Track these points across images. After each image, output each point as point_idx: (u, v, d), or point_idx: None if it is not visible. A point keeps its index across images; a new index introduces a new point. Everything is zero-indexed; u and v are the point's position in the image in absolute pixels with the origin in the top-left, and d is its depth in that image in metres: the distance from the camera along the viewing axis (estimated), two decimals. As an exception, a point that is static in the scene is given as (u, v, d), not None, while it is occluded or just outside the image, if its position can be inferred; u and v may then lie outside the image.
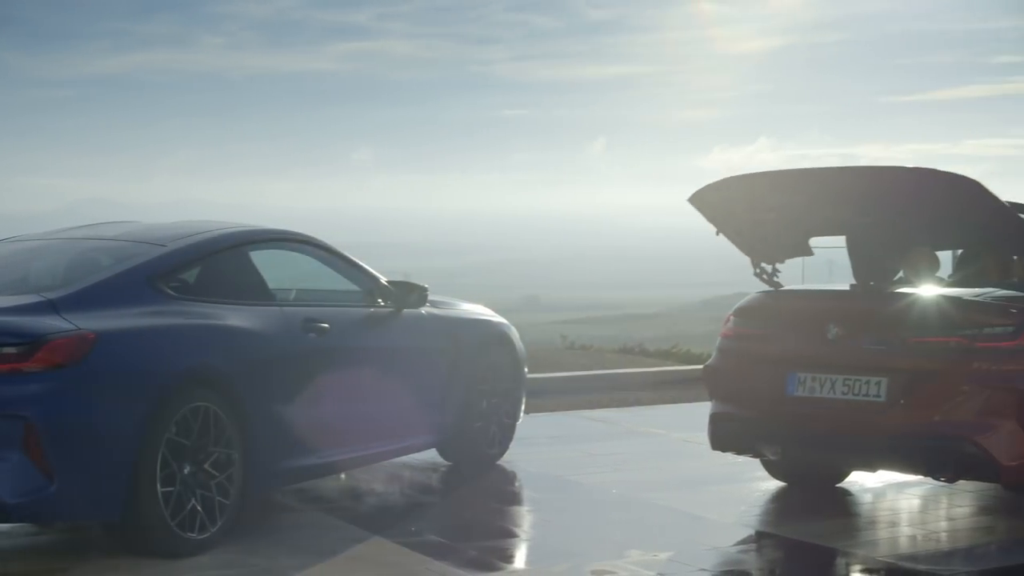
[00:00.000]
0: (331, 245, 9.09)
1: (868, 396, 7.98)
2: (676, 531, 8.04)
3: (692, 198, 8.82)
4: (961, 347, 7.76)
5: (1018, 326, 7.68)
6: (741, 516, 8.48)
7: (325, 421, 8.38)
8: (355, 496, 9.05)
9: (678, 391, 15.17)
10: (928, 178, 8.00)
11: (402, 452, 9.42)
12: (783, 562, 7.51)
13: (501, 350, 10.25)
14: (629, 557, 7.23)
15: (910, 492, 9.17)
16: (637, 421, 12.92)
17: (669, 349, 20.69)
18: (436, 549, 7.38)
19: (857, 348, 8.09)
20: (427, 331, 9.48)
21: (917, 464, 7.96)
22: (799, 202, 8.80)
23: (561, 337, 22.01)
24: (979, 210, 8.09)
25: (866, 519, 8.49)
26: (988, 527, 8.17)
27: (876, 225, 9.12)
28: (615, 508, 8.72)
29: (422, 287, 9.40)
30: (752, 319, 8.78)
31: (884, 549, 7.52)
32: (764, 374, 8.46)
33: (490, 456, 10.14)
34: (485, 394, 10.02)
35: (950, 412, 7.69)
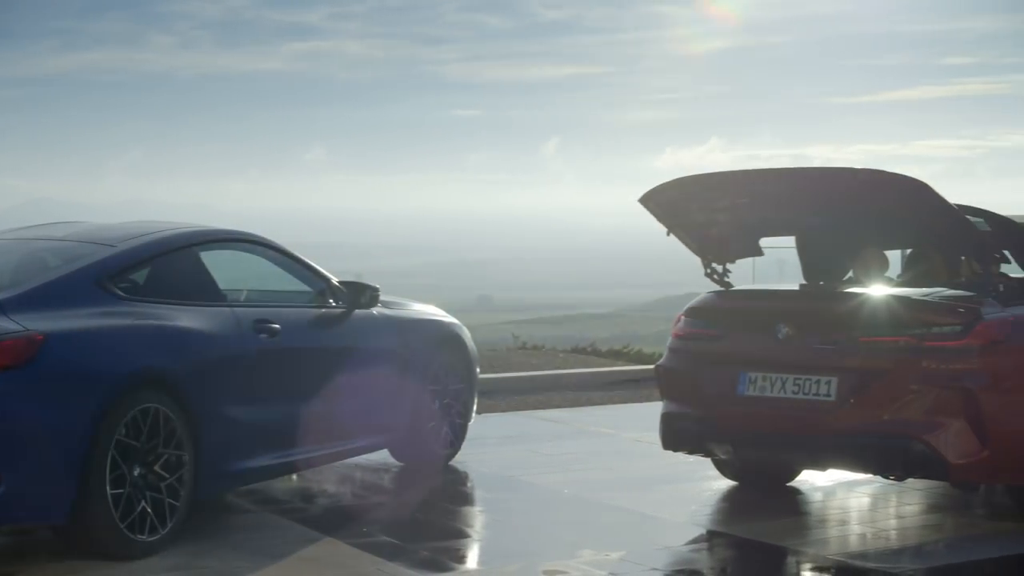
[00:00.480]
0: (282, 245, 9.06)
1: (818, 395, 8.02)
2: (628, 530, 8.06)
3: (643, 199, 8.85)
4: (910, 346, 7.81)
5: (966, 325, 7.74)
6: (692, 515, 8.51)
7: (276, 422, 8.35)
8: (307, 497, 9.02)
9: (629, 391, 15.21)
10: (877, 179, 8.05)
11: (354, 453, 9.40)
12: (734, 561, 7.54)
13: (452, 350, 10.25)
14: (581, 557, 7.24)
15: (860, 490, 9.22)
16: (588, 421, 12.93)
17: (621, 349, 20.72)
18: (388, 550, 7.37)
19: (807, 348, 8.14)
20: (378, 332, 9.46)
21: (867, 463, 8.01)
22: (749, 203, 8.84)
23: (513, 337, 22.02)
24: (927, 211, 8.15)
25: (816, 517, 8.53)
26: (937, 525, 8.23)
27: (826, 226, 9.17)
28: (567, 508, 8.73)
29: (373, 287, 9.38)
30: (703, 319, 8.81)
31: (834, 547, 7.56)
32: (715, 374, 8.50)
33: (442, 456, 10.13)
34: (437, 394, 10.01)
35: (899, 411, 7.74)
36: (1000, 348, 7.75)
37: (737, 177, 8.63)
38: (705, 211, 8.91)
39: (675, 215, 8.96)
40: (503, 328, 35.27)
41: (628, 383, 15.79)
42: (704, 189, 8.70)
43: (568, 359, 18.41)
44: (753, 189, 8.72)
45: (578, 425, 12.64)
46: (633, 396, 14.87)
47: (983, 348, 7.70)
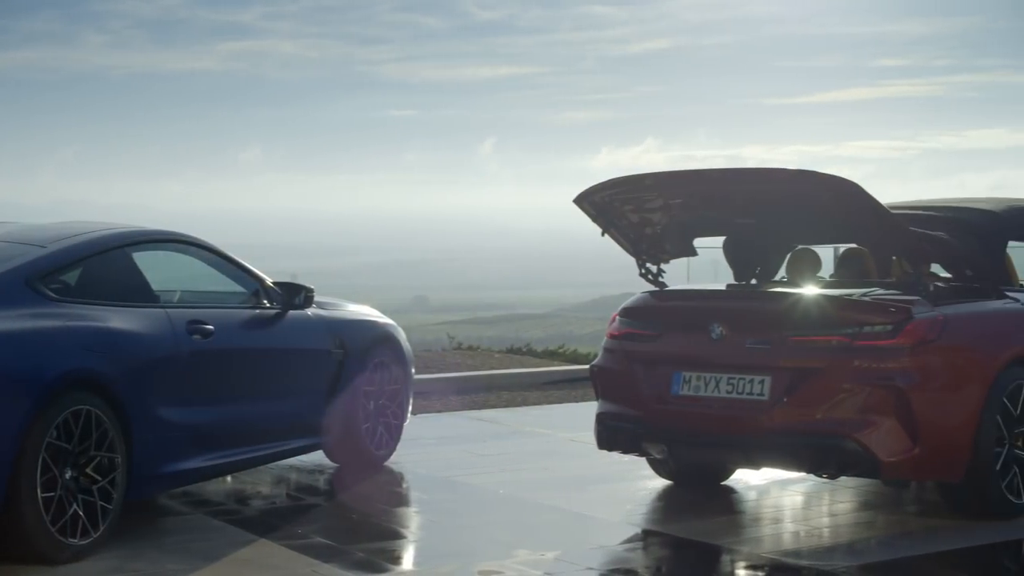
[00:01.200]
0: (215, 246, 9.01)
1: (751, 395, 8.07)
2: (563, 530, 8.07)
3: (577, 199, 8.87)
4: (842, 346, 7.87)
5: (897, 325, 7.81)
6: (627, 515, 8.54)
7: (210, 424, 8.31)
8: (241, 499, 8.98)
9: (565, 391, 15.24)
10: (809, 180, 8.10)
11: (289, 454, 9.36)
12: (669, 560, 7.56)
13: (388, 351, 10.22)
14: (516, 557, 7.24)
15: (793, 489, 9.28)
16: (524, 421, 12.95)
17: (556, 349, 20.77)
18: (323, 551, 7.35)
19: (740, 347, 8.18)
20: (313, 332, 9.43)
21: (800, 461, 8.06)
22: (684, 203, 8.88)
23: (449, 337, 22.02)
24: (858, 211, 8.22)
25: (750, 516, 8.58)
26: (869, 522, 8.29)
27: (759, 226, 9.23)
28: (502, 508, 8.73)
29: (308, 288, 9.35)
30: (637, 319, 8.84)
31: (768, 545, 7.60)
32: (649, 373, 8.53)
33: (377, 457, 10.10)
34: (372, 395, 9.99)
35: (831, 410, 7.80)
36: (930, 347, 7.83)
37: (671, 178, 8.67)
38: (639, 211, 8.94)
39: (610, 215, 8.98)
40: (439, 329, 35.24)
41: (563, 383, 15.82)
42: (638, 190, 8.73)
43: (504, 359, 18.43)
44: (687, 190, 8.76)
45: (513, 425, 12.65)
46: (568, 396, 14.91)
47: (914, 347, 7.78)
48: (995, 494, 8.04)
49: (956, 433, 7.90)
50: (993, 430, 8.00)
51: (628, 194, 8.77)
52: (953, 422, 7.89)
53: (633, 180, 8.72)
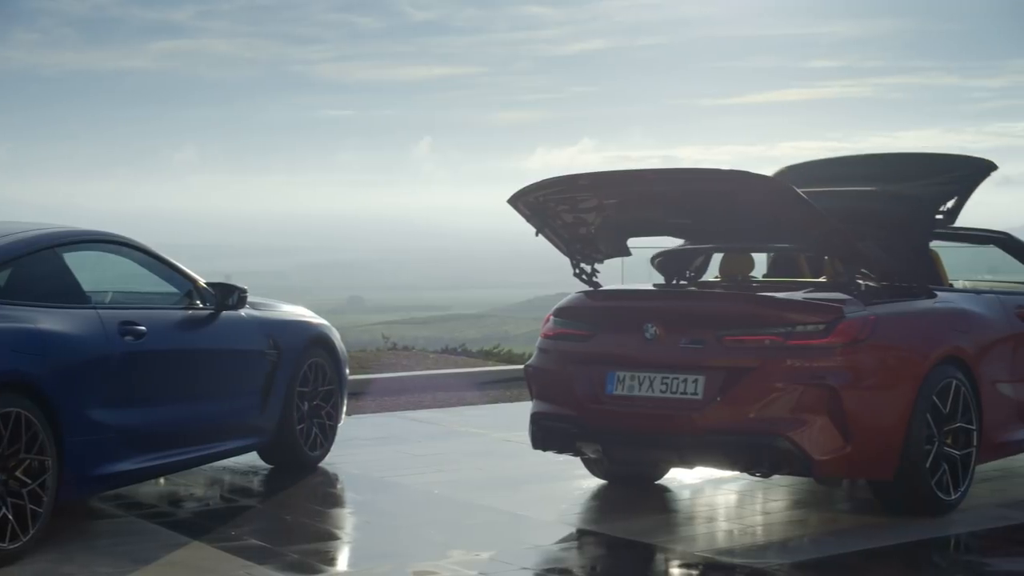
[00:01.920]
0: (148, 246, 8.95)
1: (685, 394, 8.10)
2: (498, 530, 8.07)
3: (511, 199, 8.87)
4: (775, 345, 7.92)
5: (829, 324, 7.87)
6: (562, 514, 8.55)
7: (143, 425, 8.25)
8: (174, 501, 8.92)
9: (499, 391, 15.26)
10: (743, 180, 8.15)
11: (222, 455, 9.31)
12: (604, 559, 7.58)
13: (322, 351, 10.20)
14: (451, 557, 7.24)
15: (727, 488, 9.33)
16: (458, 421, 12.95)
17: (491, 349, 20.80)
18: (257, 553, 7.31)
19: (674, 347, 8.21)
20: (246, 333, 9.38)
21: (733, 460, 8.10)
22: (618, 203, 8.90)
23: (383, 338, 21.98)
24: (791, 212, 8.27)
25: (684, 515, 8.61)
26: (801, 520, 8.35)
27: (693, 226, 9.27)
28: (437, 508, 8.72)
29: (241, 289, 9.31)
30: (571, 319, 8.86)
31: (702, 544, 7.63)
32: (583, 373, 8.55)
33: (312, 458, 10.07)
34: (306, 396, 9.96)
35: (764, 409, 7.85)
36: (862, 346, 7.89)
37: (606, 178, 8.68)
38: (574, 212, 8.96)
39: (544, 216, 8.99)
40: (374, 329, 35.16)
41: (498, 383, 15.84)
42: (573, 190, 8.74)
43: (438, 360, 18.42)
44: (621, 190, 8.78)
45: (448, 425, 12.64)
46: (503, 396, 14.93)
47: (845, 346, 7.84)
48: (925, 491, 8.12)
49: (887, 431, 7.97)
50: (923, 428, 8.07)
51: (562, 194, 8.78)
52: (884, 420, 7.96)
53: (567, 180, 8.73)
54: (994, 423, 8.79)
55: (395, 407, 13.95)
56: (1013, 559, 7.20)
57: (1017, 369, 9.16)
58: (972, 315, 8.88)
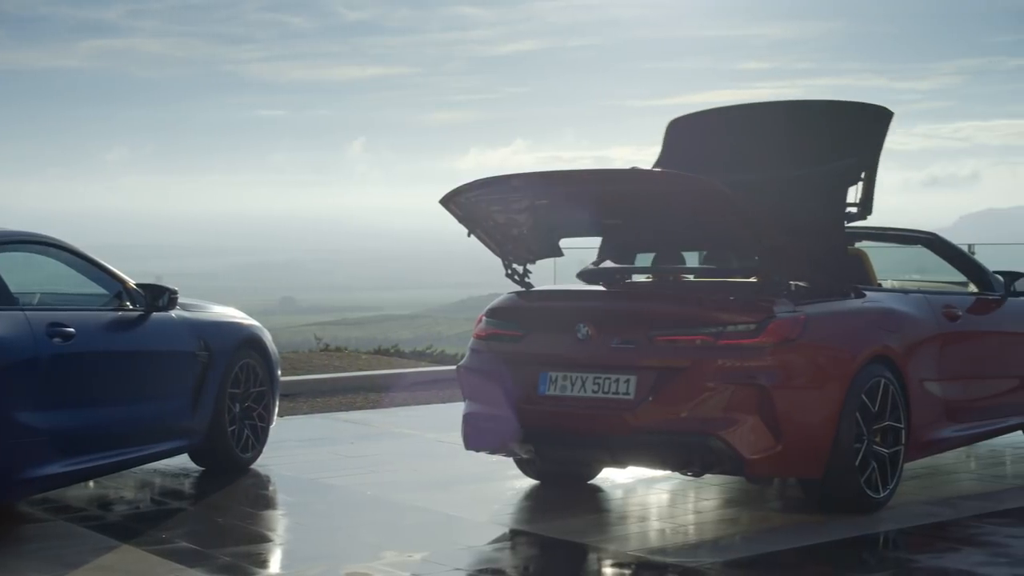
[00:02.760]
0: (76, 247, 8.87)
1: (617, 394, 8.12)
2: (431, 531, 8.06)
3: (443, 200, 8.86)
4: (706, 345, 7.96)
5: (759, 324, 7.92)
6: (495, 515, 8.55)
7: (72, 428, 8.18)
8: (104, 504, 8.84)
9: (432, 392, 15.26)
10: (676, 181, 8.18)
11: (152, 458, 9.24)
12: (537, 559, 7.58)
13: (253, 353, 10.15)
14: (384, 558, 7.22)
15: (659, 487, 9.37)
16: (391, 422, 12.93)
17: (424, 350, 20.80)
18: (188, 556, 7.25)
19: (606, 347, 8.24)
20: (177, 334, 9.33)
21: (665, 459, 8.13)
22: (550, 204, 8.91)
23: (316, 339, 21.92)
24: (723, 213, 8.31)
25: (617, 514, 8.64)
26: (733, 519, 8.39)
27: (624, 226, 9.30)
28: (370, 510, 8.70)
29: (172, 290, 9.25)
30: (504, 319, 8.86)
31: (635, 543, 7.65)
32: (516, 374, 8.55)
33: (243, 460, 10.02)
34: (237, 397, 9.92)
35: (696, 408, 7.88)
36: (792, 346, 7.95)
37: (538, 178, 8.69)
38: (506, 212, 8.96)
39: (476, 216, 8.99)
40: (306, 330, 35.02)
41: (431, 384, 15.83)
42: (504, 190, 8.75)
43: (371, 361, 18.40)
44: (553, 190, 8.79)
45: (381, 427, 12.62)
46: (436, 397, 14.93)
47: (776, 346, 7.89)
48: (855, 489, 8.19)
49: (817, 430, 8.03)
50: (853, 427, 8.14)
51: (494, 195, 8.78)
52: (814, 419, 8.02)
53: (499, 181, 8.72)
54: (922, 421, 8.89)
55: (327, 408, 13.91)
56: (939, 555, 7.28)
57: (944, 368, 9.26)
58: (900, 315, 8.96)
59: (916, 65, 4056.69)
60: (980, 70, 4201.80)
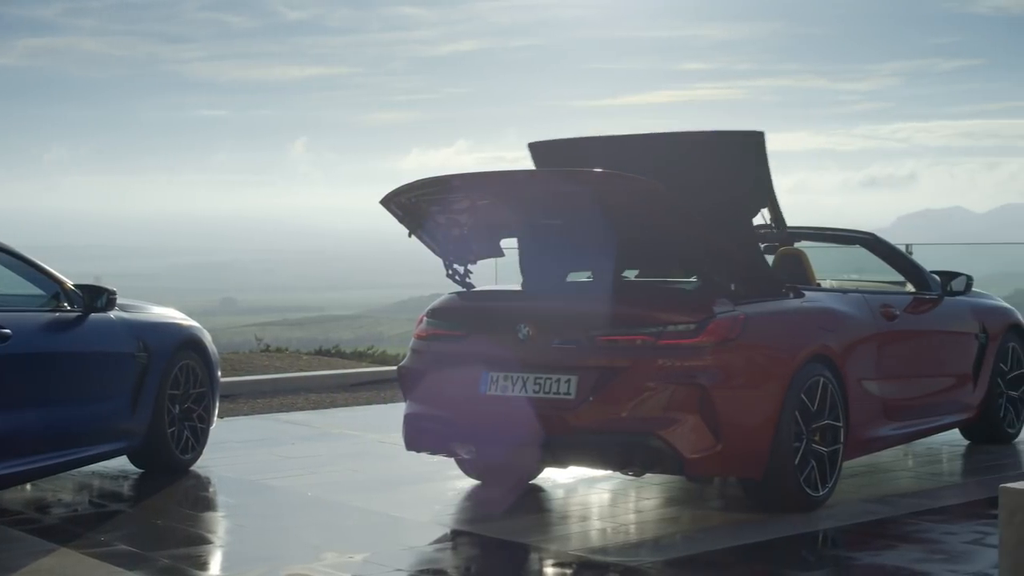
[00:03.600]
0: (12, 247, 8.80)
1: (558, 394, 8.14)
2: (372, 532, 8.05)
3: (383, 200, 8.85)
4: (646, 345, 7.98)
5: (699, 324, 7.95)
6: (436, 515, 8.54)
7: (9, 430, 8.12)
8: (41, 507, 8.77)
9: (373, 392, 15.23)
10: (615, 182, 8.20)
11: (91, 460, 9.18)
12: (478, 559, 7.58)
13: (193, 354, 10.10)
14: (325, 560, 7.20)
15: (600, 487, 9.39)
16: (332, 423, 12.89)
17: (365, 351, 20.75)
18: (127, 559, 7.20)
19: (547, 347, 8.25)
20: (116, 335, 9.27)
21: (606, 459, 8.16)
22: (490, 204, 8.91)
23: (256, 340, 21.83)
24: (663, 214, 8.34)
25: (558, 514, 8.65)
26: (674, 518, 8.42)
27: (565, 227, 9.31)
28: (310, 511, 8.67)
29: (110, 290, 9.19)
30: (445, 319, 8.86)
31: (576, 543, 7.66)
32: (457, 374, 8.55)
33: (183, 462, 9.96)
34: (177, 399, 9.86)
35: (636, 408, 7.91)
36: (732, 345, 7.99)
37: (478, 179, 8.70)
38: (446, 213, 8.96)
39: (417, 217, 8.98)
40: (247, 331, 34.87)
41: (372, 384, 15.81)
42: (445, 191, 8.74)
43: (312, 361, 18.33)
44: (494, 191, 8.79)
45: (322, 427, 12.58)
46: (377, 397, 14.90)
47: (716, 345, 7.93)
48: (794, 488, 8.24)
49: (757, 429, 8.07)
50: (792, 426, 8.19)
51: (435, 195, 8.78)
52: (754, 419, 8.06)
53: (440, 181, 8.72)
54: (860, 420, 8.95)
55: (268, 409, 13.86)
56: (877, 552, 7.34)
57: (882, 367, 9.34)
58: (839, 314, 9.03)
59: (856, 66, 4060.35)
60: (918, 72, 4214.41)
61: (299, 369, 17.06)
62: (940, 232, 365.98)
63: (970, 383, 10.67)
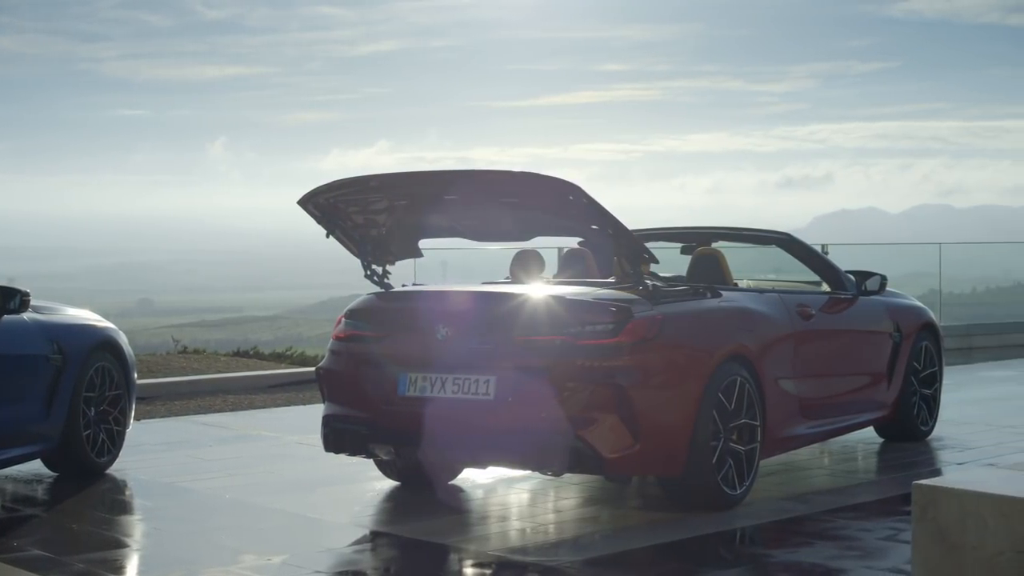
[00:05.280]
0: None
1: (477, 395, 8.14)
2: (290, 534, 8.01)
3: (301, 201, 8.82)
4: (565, 345, 8.00)
5: (617, 324, 7.98)
6: (355, 516, 8.52)
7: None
8: (-47, 512, 8.66)
9: (292, 393, 15.17)
10: (532, 182, 8.22)
11: (4, 464, 9.07)
12: (398, 560, 7.57)
13: (108, 356, 10.00)
14: (243, 562, 7.16)
15: (519, 487, 9.40)
16: (251, 424, 12.83)
17: (284, 352, 20.65)
18: (41, 564, 7.12)
19: (466, 348, 8.25)
20: (29, 337, 9.16)
21: (525, 459, 8.17)
22: (409, 204, 8.90)
23: (174, 341, 21.65)
24: (579, 212, 8.36)
25: (478, 514, 8.65)
26: (593, 517, 8.45)
27: (483, 228, 9.32)
28: (229, 513, 8.62)
29: (24, 292, 9.09)
30: (363, 320, 8.84)
31: (495, 543, 7.67)
32: (376, 375, 8.53)
33: (99, 465, 9.87)
34: (92, 401, 9.77)
35: (555, 408, 7.92)
36: (650, 345, 8.03)
37: (396, 179, 8.69)
38: (364, 213, 8.94)
39: (334, 217, 8.96)
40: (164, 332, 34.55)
41: (291, 386, 15.75)
42: (364, 191, 8.72)
43: (230, 363, 18.23)
44: (412, 191, 8.78)
45: (240, 429, 12.51)
46: (296, 399, 14.84)
47: (634, 346, 7.96)
48: (712, 487, 8.29)
49: (675, 429, 8.11)
50: (710, 425, 8.24)
51: (353, 196, 8.75)
52: (672, 418, 8.10)
53: (358, 182, 8.70)
54: (777, 419, 9.03)
55: (185, 411, 13.77)
56: (794, 550, 7.40)
57: (799, 366, 9.43)
58: (756, 314, 9.10)
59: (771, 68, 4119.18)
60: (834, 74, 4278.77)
61: (217, 371, 16.95)
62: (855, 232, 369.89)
63: (885, 382, 10.79)
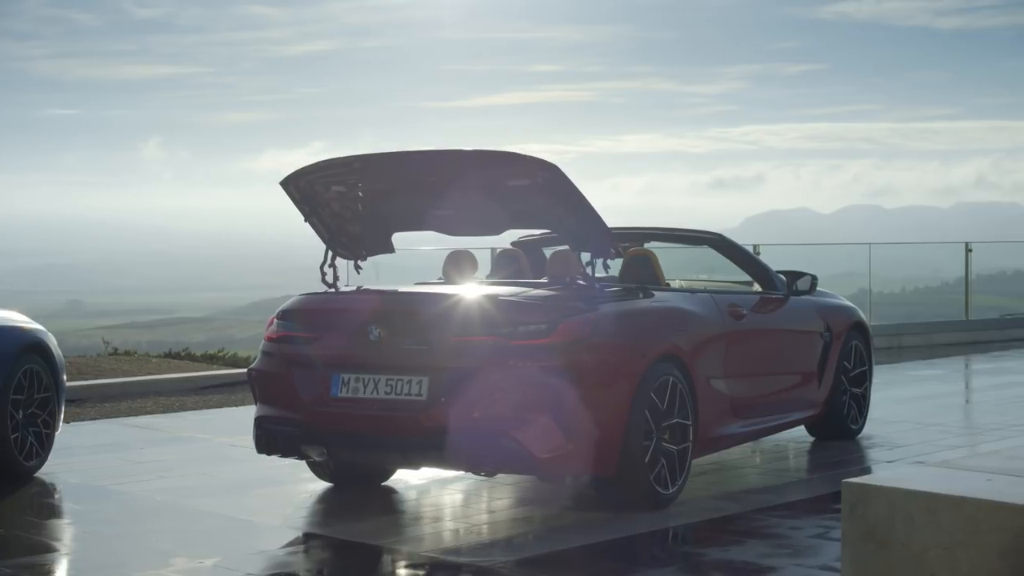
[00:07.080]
0: None
1: (410, 395, 8.13)
2: (222, 536, 7.97)
3: (283, 182, 8.86)
4: (498, 345, 8.00)
5: (550, 324, 8.00)
6: (288, 518, 8.49)
7: None
8: None
9: (224, 395, 15.09)
10: (511, 161, 8.27)
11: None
12: (330, 562, 7.55)
13: (37, 358, 9.91)
14: (174, 565, 7.12)
15: (453, 487, 9.40)
16: (182, 426, 12.74)
17: (215, 353, 20.53)
18: (-32, 568, 7.07)
19: (399, 348, 8.24)
20: (-44, 340, 9.06)
21: (458, 460, 8.16)
22: (386, 190, 8.96)
23: (104, 343, 21.46)
24: (557, 194, 8.39)
25: (411, 515, 8.65)
26: (526, 517, 8.46)
27: (455, 218, 9.32)
28: (160, 516, 8.56)
29: (-50, 294, 8.99)
30: (295, 321, 8.80)
31: (429, 544, 7.67)
32: (308, 376, 8.50)
33: (27, 468, 9.78)
34: (20, 404, 9.68)
35: (488, 409, 7.93)
36: (582, 345, 8.04)
37: (377, 160, 8.72)
38: (342, 200, 8.96)
39: (313, 201, 8.98)
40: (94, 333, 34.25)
41: (222, 387, 15.67)
42: (344, 172, 8.75)
43: (161, 364, 18.10)
44: (392, 172, 8.80)
45: (171, 431, 12.43)
46: (228, 400, 14.77)
47: (566, 346, 7.97)
48: (645, 486, 8.32)
49: (608, 428, 8.13)
50: (642, 424, 8.27)
51: (334, 178, 8.76)
52: (605, 418, 8.12)
53: (341, 163, 8.74)
54: (709, 418, 9.08)
55: (116, 413, 13.65)
56: (726, 548, 7.45)
57: (730, 366, 9.49)
58: (688, 314, 9.15)
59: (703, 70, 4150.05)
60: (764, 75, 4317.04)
61: (148, 372, 16.83)
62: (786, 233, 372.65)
63: (815, 380, 10.88)
